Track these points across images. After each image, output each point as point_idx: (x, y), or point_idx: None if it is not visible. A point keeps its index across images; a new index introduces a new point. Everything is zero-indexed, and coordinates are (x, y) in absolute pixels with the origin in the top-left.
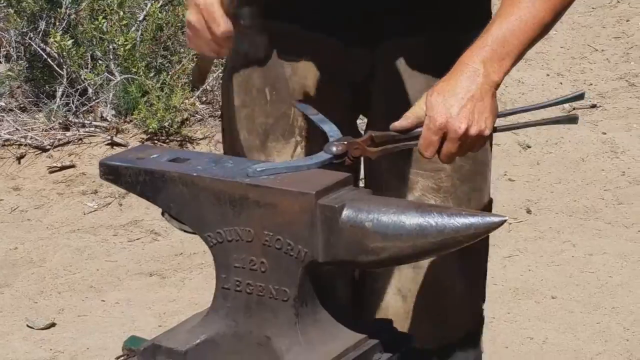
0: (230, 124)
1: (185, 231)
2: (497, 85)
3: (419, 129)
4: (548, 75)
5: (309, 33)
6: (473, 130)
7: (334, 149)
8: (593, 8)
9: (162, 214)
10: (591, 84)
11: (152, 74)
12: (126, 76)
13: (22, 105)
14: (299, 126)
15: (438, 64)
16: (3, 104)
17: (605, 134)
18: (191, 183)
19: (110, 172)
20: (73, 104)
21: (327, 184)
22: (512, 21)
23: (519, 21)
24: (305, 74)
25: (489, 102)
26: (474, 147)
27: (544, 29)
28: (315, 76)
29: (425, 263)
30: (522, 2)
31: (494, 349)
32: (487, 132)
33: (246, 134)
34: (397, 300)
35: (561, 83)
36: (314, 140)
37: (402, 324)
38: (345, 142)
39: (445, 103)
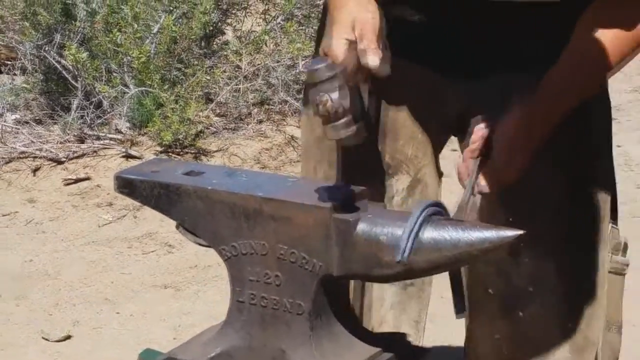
0: (309, 155)
1: (199, 244)
2: None
3: None
4: None
5: (410, 64)
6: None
7: None
8: None
9: (177, 227)
10: None
11: (166, 87)
12: (141, 89)
13: (37, 118)
14: (385, 163)
15: None
16: (19, 117)
17: (619, 146)
18: (206, 196)
19: (125, 185)
20: (88, 116)
21: (343, 197)
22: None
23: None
24: (398, 108)
25: None
26: None
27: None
28: (408, 110)
29: (519, 317)
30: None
31: None
32: None
33: (327, 168)
34: (491, 355)
35: None
36: (401, 178)
37: None
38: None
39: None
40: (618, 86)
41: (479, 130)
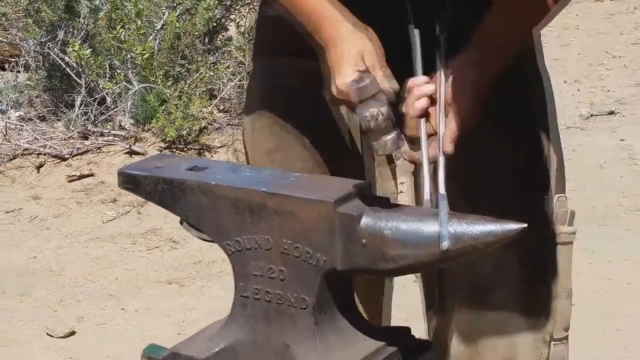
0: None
1: (204, 239)
2: None
3: None
4: (566, 82)
5: None
6: None
7: None
8: (610, 15)
9: (181, 222)
10: (609, 91)
11: (170, 83)
12: (144, 85)
13: (41, 115)
14: (341, 165)
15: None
16: (22, 114)
17: (623, 140)
18: (210, 191)
19: (129, 181)
20: (92, 113)
21: (346, 191)
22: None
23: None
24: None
25: None
26: None
27: None
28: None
29: (487, 304)
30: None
31: None
32: None
33: None
34: (460, 344)
35: (579, 90)
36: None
37: None
38: None
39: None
40: (621, 80)
41: (421, 87)
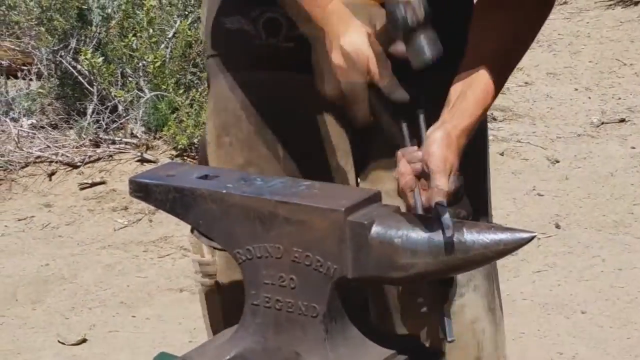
0: None
1: (214, 248)
2: None
3: None
4: (576, 89)
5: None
6: None
7: None
8: (621, 22)
9: (192, 231)
10: (620, 98)
11: (181, 91)
12: (156, 93)
13: (53, 123)
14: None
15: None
16: (34, 121)
17: (634, 148)
18: (221, 200)
19: (140, 189)
20: (103, 120)
21: (356, 200)
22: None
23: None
24: (321, 123)
25: None
26: None
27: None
28: (328, 123)
29: (458, 304)
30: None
31: None
32: None
33: None
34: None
35: (590, 97)
36: None
37: None
38: None
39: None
40: (632, 88)
41: (412, 154)
